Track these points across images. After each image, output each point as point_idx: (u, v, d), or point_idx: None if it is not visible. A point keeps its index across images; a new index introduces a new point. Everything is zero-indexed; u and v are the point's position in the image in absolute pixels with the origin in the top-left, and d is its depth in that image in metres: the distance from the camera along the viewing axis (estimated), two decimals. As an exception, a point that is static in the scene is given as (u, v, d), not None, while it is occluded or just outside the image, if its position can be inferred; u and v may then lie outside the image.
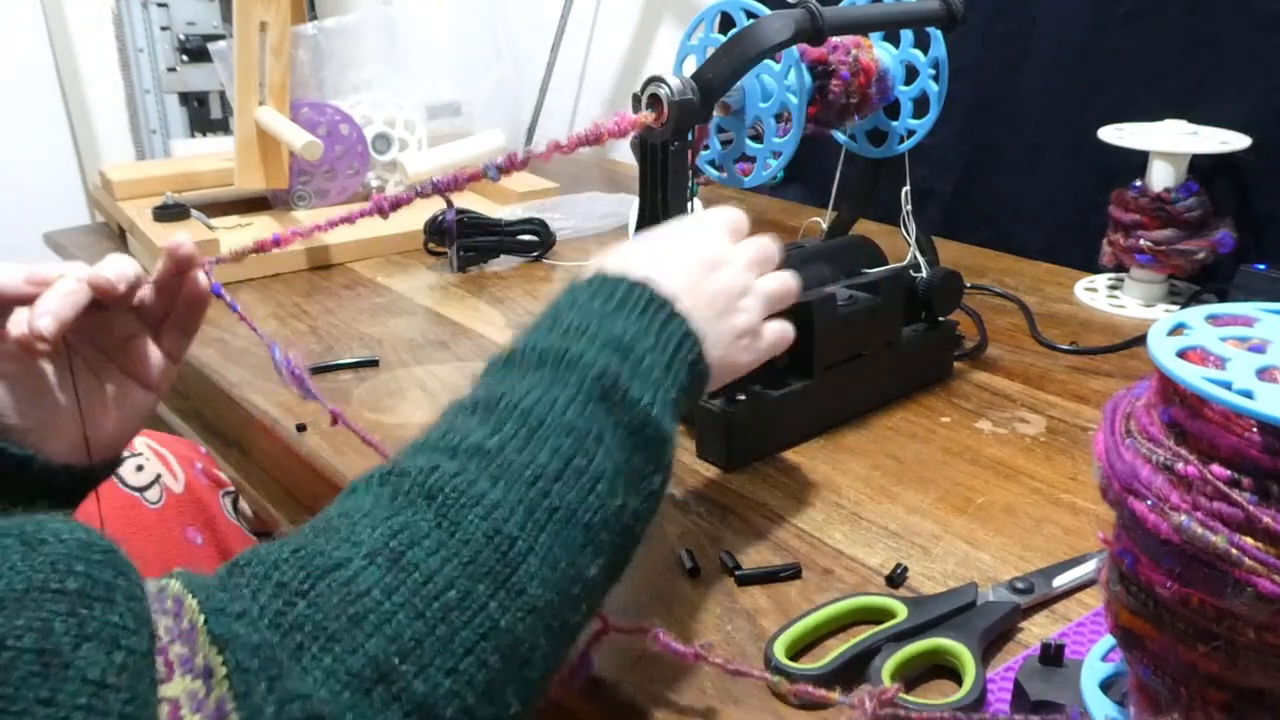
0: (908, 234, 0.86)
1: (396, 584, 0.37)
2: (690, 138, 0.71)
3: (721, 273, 0.55)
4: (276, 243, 0.61)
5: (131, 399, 0.57)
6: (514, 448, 0.42)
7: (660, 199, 0.71)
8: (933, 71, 0.85)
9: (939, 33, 0.85)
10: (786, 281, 0.59)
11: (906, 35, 0.86)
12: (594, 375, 0.45)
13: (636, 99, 0.69)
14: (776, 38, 0.69)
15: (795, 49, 0.74)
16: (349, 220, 0.61)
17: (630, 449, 0.45)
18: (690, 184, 0.72)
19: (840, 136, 0.91)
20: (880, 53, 0.85)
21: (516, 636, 0.39)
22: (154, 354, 0.58)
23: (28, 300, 0.51)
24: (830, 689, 0.51)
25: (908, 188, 0.87)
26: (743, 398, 0.73)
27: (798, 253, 0.82)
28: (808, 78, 0.77)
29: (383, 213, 0.59)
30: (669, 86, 0.67)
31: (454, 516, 0.39)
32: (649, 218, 0.73)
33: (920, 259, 0.86)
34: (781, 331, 0.59)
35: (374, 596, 0.36)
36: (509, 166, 0.60)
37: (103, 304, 0.54)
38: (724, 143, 0.80)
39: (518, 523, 0.40)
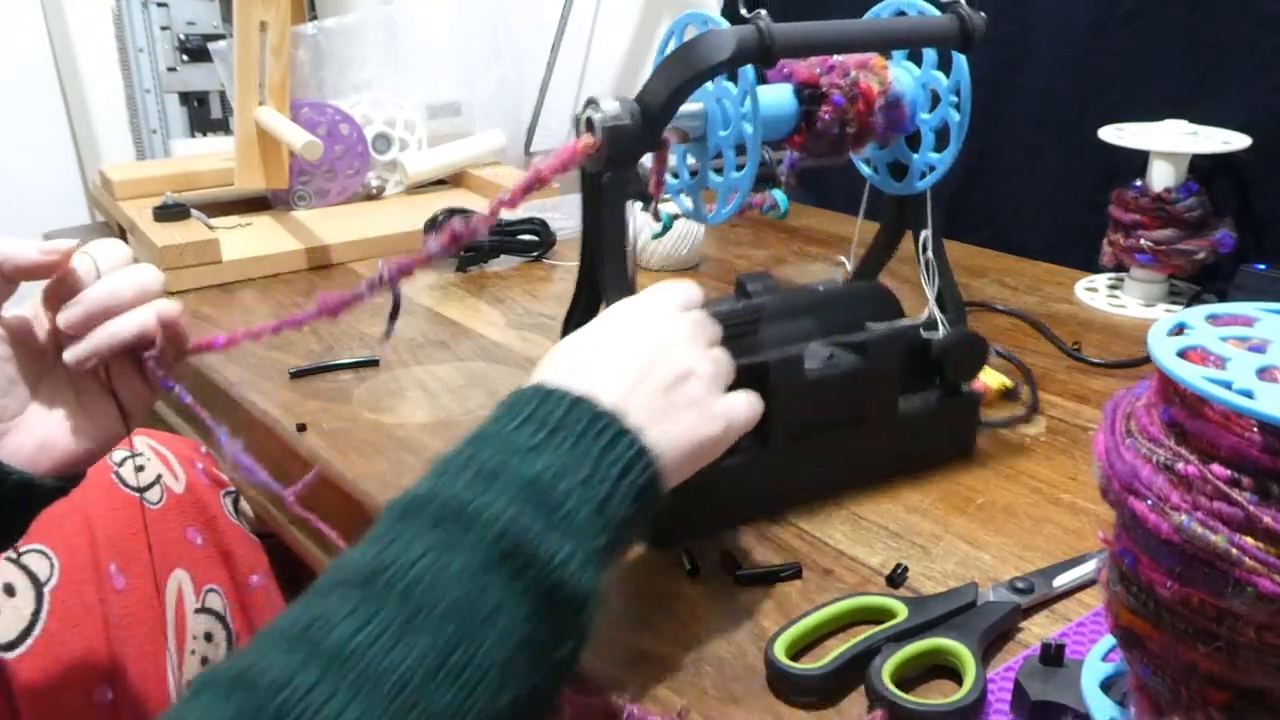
0: (927, 283, 0.73)
1: None
2: (644, 166, 0.63)
3: (672, 356, 0.50)
4: (216, 345, 0.58)
5: (102, 421, 0.54)
6: (384, 644, 0.36)
7: (596, 238, 0.63)
8: (954, 99, 0.69)
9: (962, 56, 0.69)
10: (728, 361, 0.54)
11: (929, 55, 0.71)
12: (495, 535, 0.40)
13: (576, 122, 0.61)
14: (713, 58, 0.59)
15: (751, 69, 0.61)
16: (298, 323, 0.56)
17: (536, 619, 0.40)
18: (664, 218, 0.67)
19: (863, 168, 0.77)
20: (900, 74, 0.70)
21: None
22: (136, 380, 0.55)
23: (42, 271, 0.50)
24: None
25: (928, 232, 0.73)
26: None
27: (779, 302, 0.71)
28: (794, 102, 0.66)
29: (333, 314, 0.54)
30: (602, 110, 0.59)
31: None
32: (586, 257, 0.66)
33: (939, 316, 0.72)
34: (749, 406, 0.53)
35: None
36: (401, 273, 0.53)
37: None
38: (692, 173, 0.69)
39: None
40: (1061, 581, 0.59)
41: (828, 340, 0.70)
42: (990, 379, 0.82)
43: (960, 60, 0.68)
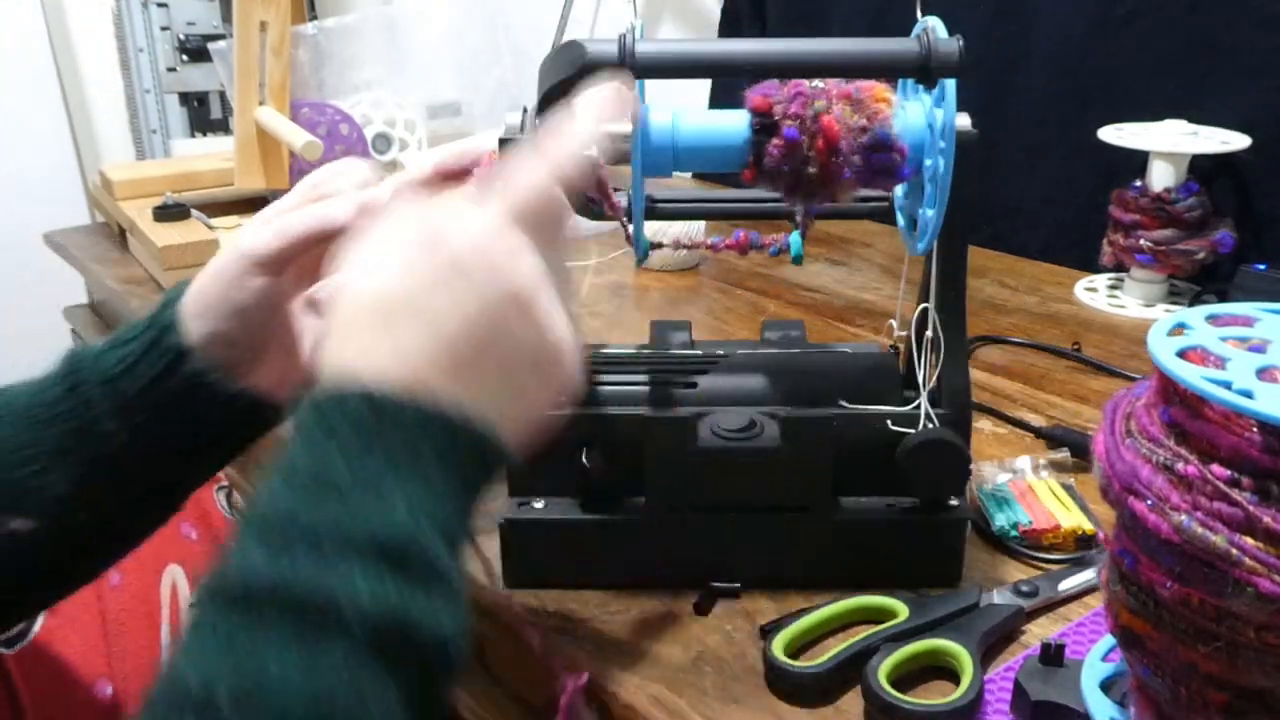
0: (916, 362, 0.60)
1: None
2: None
3: (512, 324, 0.40)
4: None
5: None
6: None
7: None
8: (942, 143, 0.54)
9: (951, 85, 0.54)
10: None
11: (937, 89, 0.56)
12: (364, 627, 0.33)
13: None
14: (548, 79, 0.53)
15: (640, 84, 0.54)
16: None
17: (421, 690, 0.35)
18: (643, 244, 0.59)
19: (898, 215, 0.63)
20: (910, 111, 0.56)
21: None
22: None
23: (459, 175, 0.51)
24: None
25: (930, 305, 0.59)
26: (541, 504, 0.60)
27: (744, 358, 0.64)
28: (745, 131, 0.55)
29: None
30: (505, 121, 0.54)
31: None
32: None
33: (928, 410, 0.58)
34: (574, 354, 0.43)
35: None
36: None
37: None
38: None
39: None
40: (1067, 585, 0.59)
41: (770, 410, 0.59)
42: (1064, 516, 0.64)
43: (948, 91, 0.54)
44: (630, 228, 0.59)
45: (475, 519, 0.40)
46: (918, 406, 0.58)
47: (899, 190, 0.62)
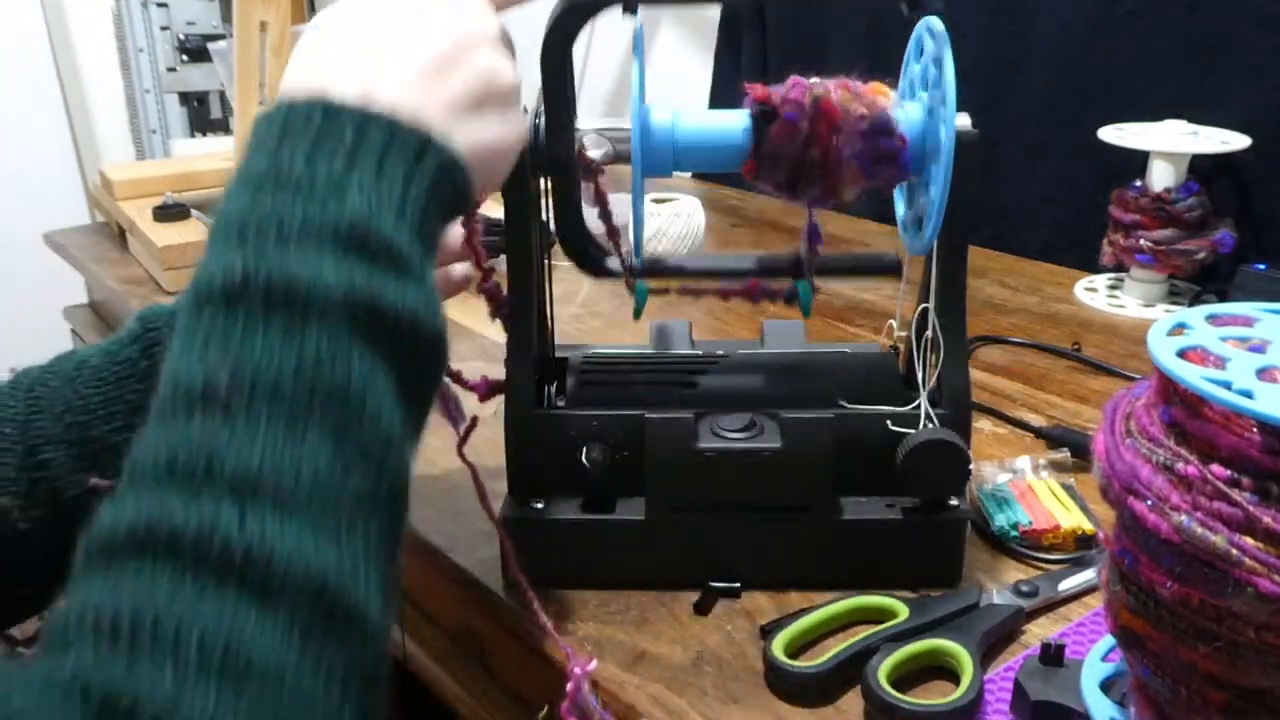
0: (916, 362, 0.60)
1: (246, 700, 0.30)
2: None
3: (476, 51, 0.43)
4: None
5: None
6: (285, 455, 0.34)
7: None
8: (942, 140, 0.53)
9: (950, 80, 0.52)
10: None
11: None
12: (337, 305, 0.35)
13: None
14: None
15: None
16: None
17: (403, 371, 0.37)
18: (639, 291, 0.61)
19: (901, 218, 0.62)
20: (908, 110, 0.56)
21: (372, 659, 0.34)
22: None
23: None
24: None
25: (930, 306, 0.59)
26: (540, 505, 0.60)
27: (745, 358, 0.64)
28: (743, 129, 0.55)
29: None
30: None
31: (262, 584, 0.32)
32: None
33: (928, 410, 0.58)
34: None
35: None
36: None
37: None
38: None
39: (326, 550, 0.33)
40: (1067, 586, 0.59)
41: (770, 410, 0.59)
42: (1064, 516, 0.64)
43: (947, 83, 0.52)
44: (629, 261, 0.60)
45: (437, 247, 0.41)
46: (918, 406, 0.58)
47: (899, 190, 0.62)
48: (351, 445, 0.35)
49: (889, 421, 0.58)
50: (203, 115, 2.11)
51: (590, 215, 0.60)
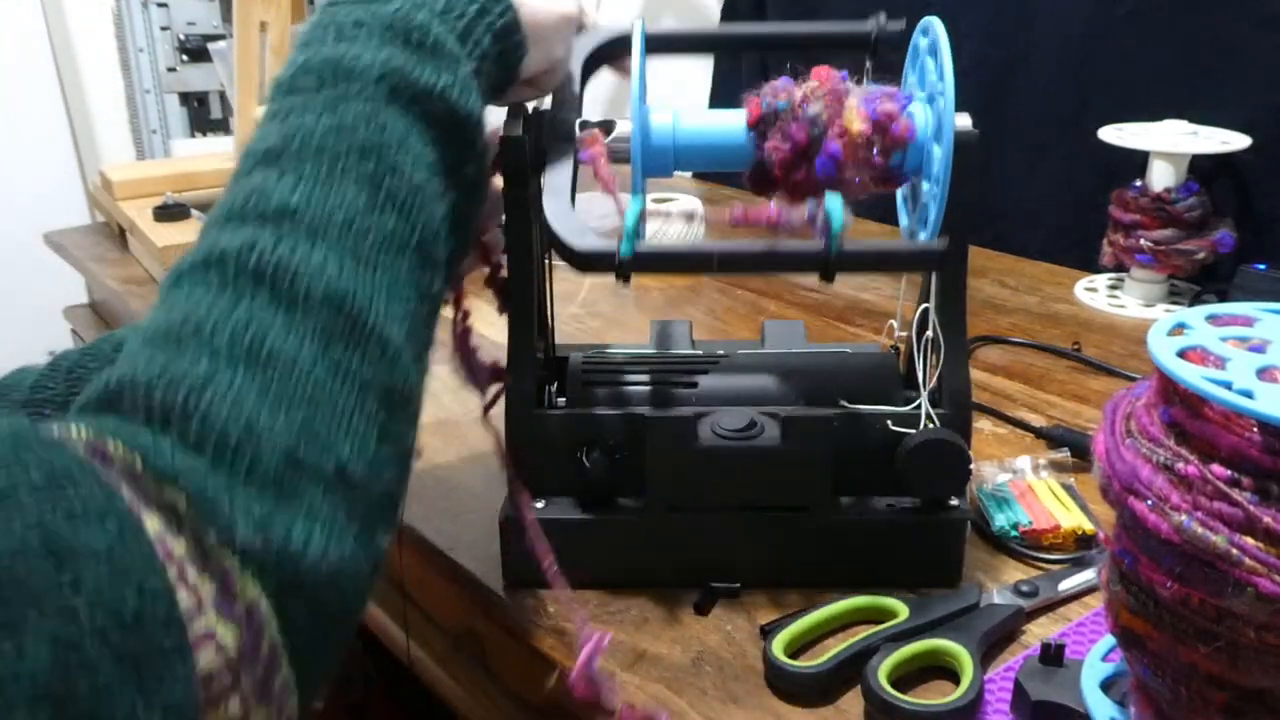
0: (916, 362, 0.60)
1: (269, 382, 0.35)
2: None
3: None
4: None
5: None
6: (320, 195, 0.39)
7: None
8: (942, 140, 0.53)
9: (950, 81, 0.52)
10: None
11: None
12: (375, 77, 0.42)
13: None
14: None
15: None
16: None
17: (438, 143, 0.44)
18: None
19: (901, 218, 0.62)
20: (918, 111, 0.55)
21: (391, 379, 0.39)
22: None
23: None
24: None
25: (930, 306, 0.59)
26: (541, 504, 0.59)
27: (746, 357, 0.64)
28: (744, 124, 0.55)
29: None
30: (502, 124, 0.57)
31: (289, 293, 0.37)
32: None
33: (928, 410, 0.58)
34: None
35: (254, 403, 0.35)
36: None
37: None
38: None
39: (350, 274, 0.38)
40: (1067, 586, 0.59)
41: (770, 410, 0.59)
42: (1064, 516, 0.64)
43: (946, 95, 0.52)
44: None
45: (484, 69, 0.47)
46: (918, 406, 0.58)
47: (900, 190, 0.62)
48: (383, 193, 0.40)
49: (889, 421, 0.58)
50: (203, 115, 2.11)
51: (585, 211, 0.60)
